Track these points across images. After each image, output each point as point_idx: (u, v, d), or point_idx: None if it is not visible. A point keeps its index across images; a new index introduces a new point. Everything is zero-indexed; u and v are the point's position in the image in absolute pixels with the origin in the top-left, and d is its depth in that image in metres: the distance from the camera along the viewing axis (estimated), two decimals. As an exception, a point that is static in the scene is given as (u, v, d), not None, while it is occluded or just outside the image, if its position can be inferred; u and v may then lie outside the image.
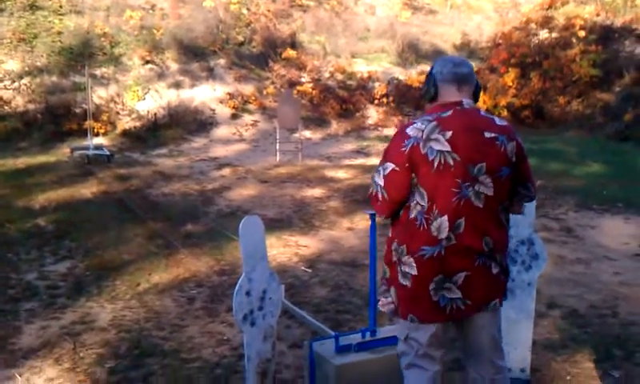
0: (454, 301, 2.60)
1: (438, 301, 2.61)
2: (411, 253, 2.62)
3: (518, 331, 3.60)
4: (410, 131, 2.61)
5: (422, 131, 2.58)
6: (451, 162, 2.54)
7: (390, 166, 2.62)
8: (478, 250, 2.59)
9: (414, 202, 2.61)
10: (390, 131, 14.37)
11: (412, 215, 2.62)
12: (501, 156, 2.59)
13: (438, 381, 2.74)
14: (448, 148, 2.54)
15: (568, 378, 3.88)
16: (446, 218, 2.55)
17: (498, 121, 2.68)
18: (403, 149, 2.59)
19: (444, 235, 2.56)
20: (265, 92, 16.31)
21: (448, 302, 2.60)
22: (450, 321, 2.67)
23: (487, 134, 2.60)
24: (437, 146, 2.55)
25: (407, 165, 2.58)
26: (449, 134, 2.56)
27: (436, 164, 2.54)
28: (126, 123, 14.25)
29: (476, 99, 2.75)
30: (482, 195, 2.58)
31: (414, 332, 2.70)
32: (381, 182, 2.64)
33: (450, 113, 2.62)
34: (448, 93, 2.68)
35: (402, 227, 2.67)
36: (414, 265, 2.61)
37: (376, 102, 16.92)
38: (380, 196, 2.66)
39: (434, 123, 2.58)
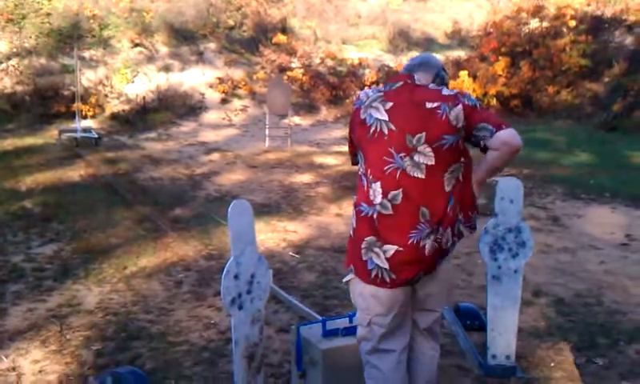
0: (381, 270, 2.64)
1: (366, 262, 2.67)
2: (355, 205, 2.76)
3: (503, 318, 3.62)
4: (361, 94, 2.83)
5: (368, 97, 2.76)
6: (386, 131, 2.66)
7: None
8: (413, 224, 2.61)
9: (360, 161, 2.80)
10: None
11: (359, 172, 2.79)
12: (442, 125, 2.62)
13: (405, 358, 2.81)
14: (385, 117, 2.67)
15: (552, 364, 3.92)
16: (379, 184, 2.64)
17: (444, 91, 2.71)
18: (354, 106, 2.83)
19: (378, 200, 2.64)
20: (255, 77, 16.23)
21: (374, 268, 2.66)
22: (373, 285, 2.69)
23: (429, 105, 2.65)
24: (375, 114, 2.70)
25: (350, 122, 2.86)
26: (389, 104, 2.69)
27: (372, 130, 2.69)
28: (114, 106, 14.14)
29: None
30: (423, 165, 2.62)
31: (376, 316, 2.75)
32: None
33: (399, 85, 2.75)
34: None
35: (357, 181, 2.83)
36: (355, 217, 2.74)
37: (366, 88, 16.88)
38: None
39: (380, 94, 2.75)
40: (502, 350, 3.64)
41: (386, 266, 2.63)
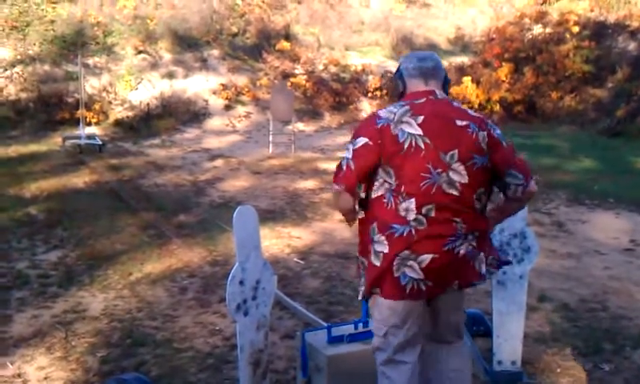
0: (416, 281, 2.61)
1: (398, 277, 2.62)
2: (381, 231, 2.64)
3: (509, 324, 3.62)
4: (382, 113, 2.69)
5: (395, 114, 2.64)
6: (422, 146, 2.58)
7: (363, 140, 2.65)
8: (448, 234, 2.60)
9: (381, 179, 2.64)
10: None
11: (379, 193, 2.65)
12: (472, 143, 2.61)
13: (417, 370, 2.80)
14: (419, 131, 2.59)
15: (558, 370, 3.91)
16: (413, 200, 2.58)
17: (470, 112, 2.72)
18: (376, 126, 2.64)
19: (412, 217, 2.58)
20: (258, 83, 16.25)
21: (409, 282, 2.61)
22: (408, 300, 2.66)
23: (459, 122, 2.63)
24: (408, 129, 2.60)
25: (379, 141, 2.61)
26: (420, 118, 2.61)
27: (406, 146, 2.59)
28: (118, 113, 14.18)
29: (445, 92, 2.80)
30: (457, 183, 2.59)
31: (392, 327, 2.73)
32: (350, 154, 2.66)
33: (422, 100, 2.68)
34: (416, 87, 2.75)
35: (370, 207, 2.70)
36: (386, 242, 2.63)
37: (369, 95, 16.90)
38: (345, 166, 2.66)
39: (407, 107, 2.66)
40: (507, 355, 3.64)
41: (421, 276, 2.60)
